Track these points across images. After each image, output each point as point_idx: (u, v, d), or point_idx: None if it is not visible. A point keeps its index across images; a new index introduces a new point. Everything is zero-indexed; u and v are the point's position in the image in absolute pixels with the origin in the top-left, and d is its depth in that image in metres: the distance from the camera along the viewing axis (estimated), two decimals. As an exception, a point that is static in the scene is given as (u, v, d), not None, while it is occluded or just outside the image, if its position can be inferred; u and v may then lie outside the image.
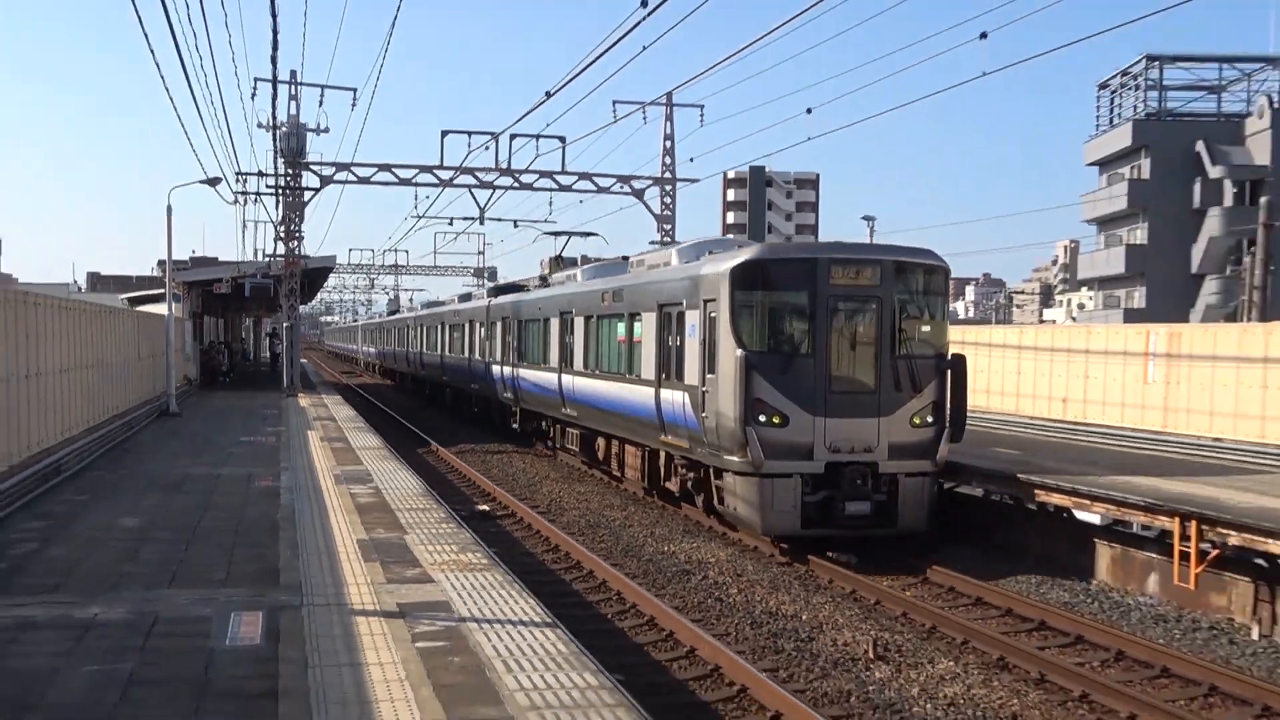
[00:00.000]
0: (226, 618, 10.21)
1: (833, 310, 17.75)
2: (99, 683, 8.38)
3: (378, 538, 14.28)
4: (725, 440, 17.89)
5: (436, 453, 33.15)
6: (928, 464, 17.89)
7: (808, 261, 18.01)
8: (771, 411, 17.23)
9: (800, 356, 17.75)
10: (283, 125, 40.88)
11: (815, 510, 17.37)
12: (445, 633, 9.83)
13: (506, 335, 35.74)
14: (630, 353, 23.12)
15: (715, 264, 18.90)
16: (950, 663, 12.94)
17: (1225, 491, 16.54)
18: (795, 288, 18.15)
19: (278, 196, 43.53)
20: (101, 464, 21.89)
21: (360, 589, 11.44)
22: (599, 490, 26.34)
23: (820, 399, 17.37)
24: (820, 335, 17.54)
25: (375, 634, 9.71)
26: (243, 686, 8.33)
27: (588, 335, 26.44)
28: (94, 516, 15.74)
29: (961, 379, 18.34)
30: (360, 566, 12.51)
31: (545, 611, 10.79)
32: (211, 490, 18.36)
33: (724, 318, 17.93)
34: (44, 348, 19.52)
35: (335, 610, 10.52)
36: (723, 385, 17.83)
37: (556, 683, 8.49)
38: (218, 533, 14.59)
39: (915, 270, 18.43)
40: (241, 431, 28.88)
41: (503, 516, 22.66)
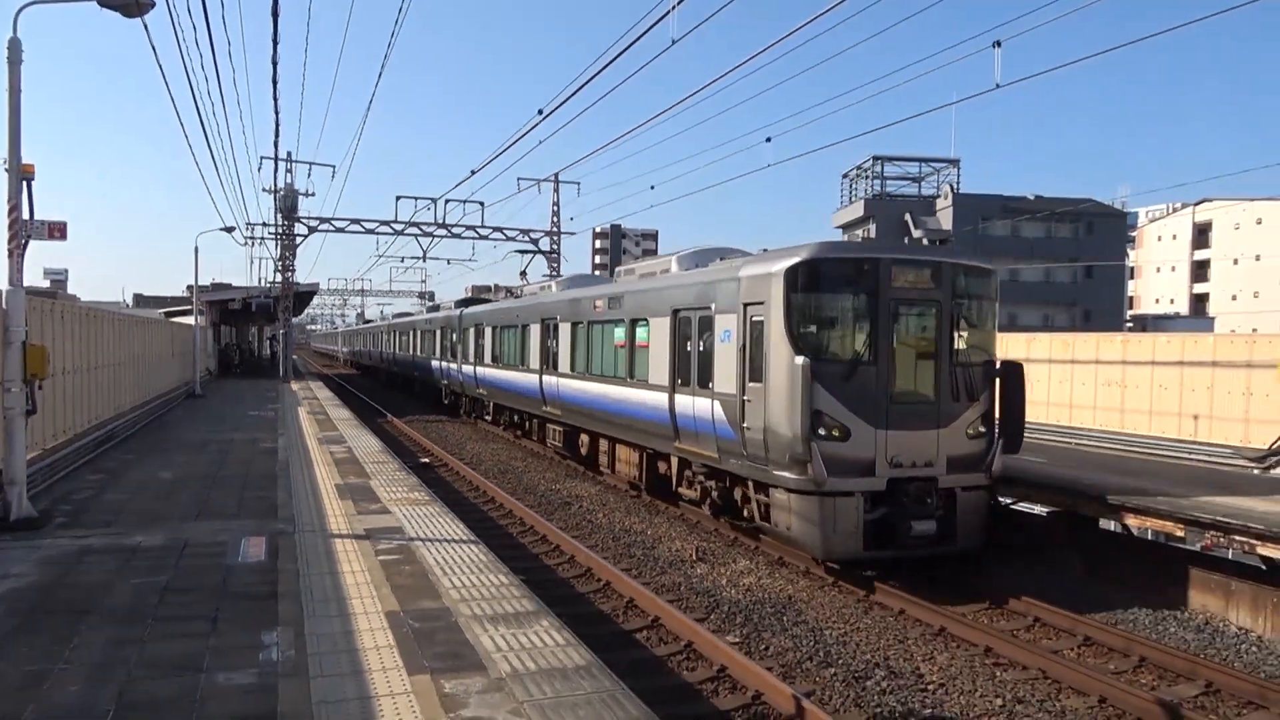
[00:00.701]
0: (239, 542, 9.81)
1: (894, 314, 12.13)
2: (143, 590, 7.97)
3: (350, 482, 13.88)
4: (777, 454, 11.85)
5: (392, 423, 32.32)
6: (983, 477, 12.16)
7: (870, 262, 12.12)
8: (832, 424, 11.51)
9: (862, 364, 11.82)
10: (281, 190, 40.85)
11: (876, 530, 11.55)
12: (399, 549, 9.61)
13: (479, 340, 29.88)
14: (631, 357, 16.89)
15: (761, 265, 12.80)
16: None
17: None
18: (856, 290, 12.21)
19: (277, 240, 43.16)
20: (145, 432, 20.80)
21: (337, 519, 11.11)
22: (507, 448, 26.02)
23: (882, 410, 11.69)
24: (882, 341, 11.90)
25: (349, 551, 9.44)
26: (252, 590, 8.01)
27: (575, 340, 20.30)
28: (138, 471, 14.94)
29: (1019, 387, 12.71)
30: (337, 503, 12.14)
31: (470, 533, 10.63)
32: (227, 450, 17.60)
33: (776, 322, 12.01)
34: (103, 348, 18.61)
35: (319, 535, 10.20)
36: (774, 395, 11.90)
37: (479, 582, 8.38)
38: (231, 481, 14.01)
39: (970, 273, 12.83)
40: (249, 408, 27.78)
41: (439, 466, 22.21)
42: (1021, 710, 8.02)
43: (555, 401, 21.60)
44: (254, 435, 20.13)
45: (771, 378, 11.95)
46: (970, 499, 12.00)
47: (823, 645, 9.57)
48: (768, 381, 12.02)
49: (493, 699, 5.71)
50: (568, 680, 6.05)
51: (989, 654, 9.34)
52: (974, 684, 8.58)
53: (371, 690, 5.80)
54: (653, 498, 17.31)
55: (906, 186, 77.47)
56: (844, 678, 8.68)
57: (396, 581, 8.31)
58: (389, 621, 7.17)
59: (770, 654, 9.34)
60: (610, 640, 9.51)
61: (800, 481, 11.49)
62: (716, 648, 9.05)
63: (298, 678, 5.99)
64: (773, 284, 12.15)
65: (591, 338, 19.32)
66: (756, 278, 12.62)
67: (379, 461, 16.38)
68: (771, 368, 11.96)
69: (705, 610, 10.76)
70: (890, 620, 10.46)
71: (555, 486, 19.29)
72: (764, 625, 10.22)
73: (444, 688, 5.86)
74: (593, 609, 10.80)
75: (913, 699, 8.21)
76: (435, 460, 23.12)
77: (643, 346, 16.50)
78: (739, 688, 8.35)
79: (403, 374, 46.86)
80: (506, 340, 26.40)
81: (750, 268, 12.93)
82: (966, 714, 7.94)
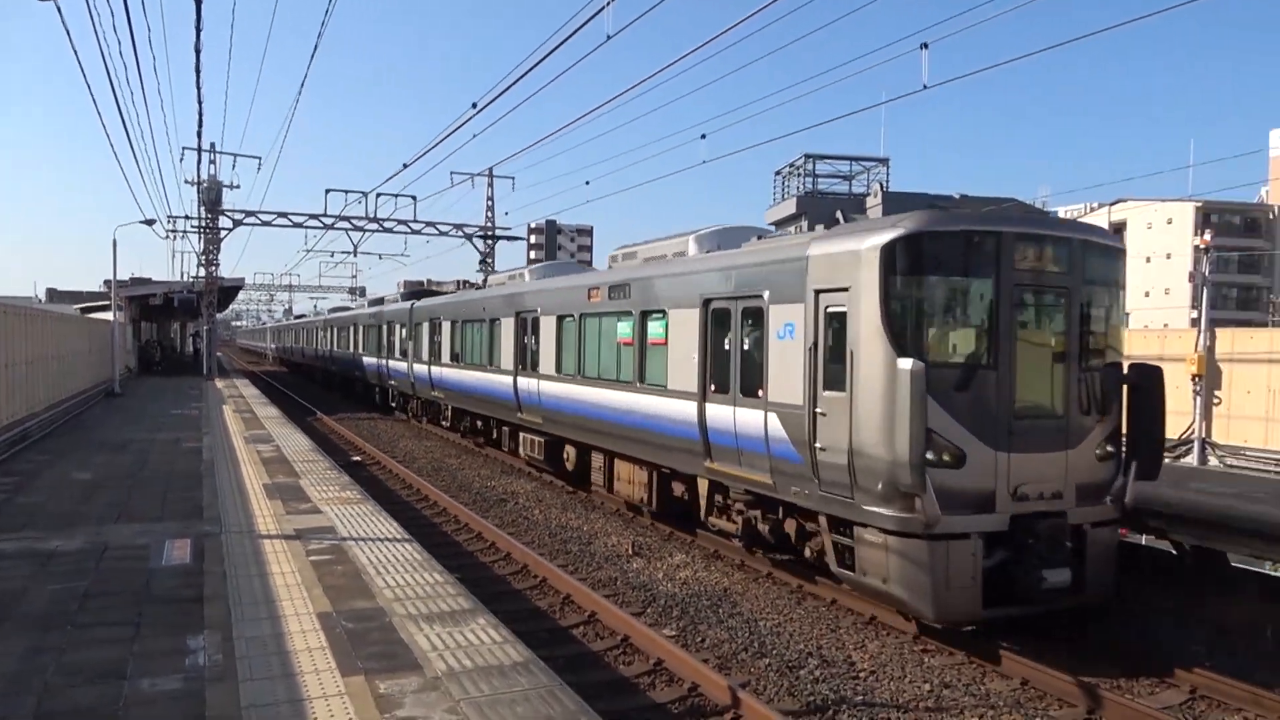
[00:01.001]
0: (162, 545, 9.54)
1: (1017, 304, 9.37)
2: (61, 596, 7.71)
3: (279, 482, 13.59)
4: (868, 483, 9.07)
5: (323, 421, 31.70)
6: (1113, 508, 9.58)
7: (988, 237, 9.24)
8: (943, 446, 8.82)
9: (981, 369, 9.12)
10: (204, 182, 39.62)
11: (996, 581, 8.92)
12: (331, 549, 9.45)
13: (435, 336, 26.18)
14: (642, 358, 13.93)
15: (841, 240, 9.79)
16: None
17: None
18: (972, 272, 9.36)
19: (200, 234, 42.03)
20: (61, 432, 20.05)
21: (266, 519, 10.87)
22: (441, 445, 25.73)
23: (1003, 428, 9.04)
24: (1004, 339, 9.16)
25: (278, 552, 9.25)
26: (176, 594, 7.80)
27: (561, 337, 17.05)
28: (54, 472, 14.41)
29: (1158, 398, 9.87)
30: (266, 503, 11.88)
31: (404, 531, 10.52)
32: (148, 450, 17.07)
33: (868, 314, 9.16)
34: (14, 345, 17.86)
35: (247, 536, 9.97)
36: (865, 408, 9.12)
37: (414, 580, 8.29)
38: (154, 481, 13.59)
39: (1101, 252, 9.97)
40: (171, 406, 26.98)
41: (371, 465, 21.88)
42: (949, 694, 8.24)
43: (534, 408, 18.32)
44: (177, 434, 19.57)
45: (862, 385, 9.18)
46: (1101, 536, 9.52)
47: (758, 636, 9.70)
48: (855, 390, 9.24)
49: (429, 698, 5.66)
50: (505, 677, 6.03)
51: (918, 640, 9.57)
52: (903, 670, 8.79)
53: (304, 693, 5.70)
54: (664, 525, 14.52)
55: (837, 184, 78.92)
56: (778, 667, 8.81)
57: (329, 582, 8.17)
58: (321, 623, 7.05)
59: (706, 646, 9.43)
60: (547, 636, 9.50)
61: (904, 520, 8.76)
62: (653, 641, 9.10)
63: (226, 682, 5.86)
64: (863, 264, 9.27)
65: (585, 334, 16.09)
66: (836, 257, 9.73)
67: (309, 460, 16.07)
68: (861, 373, 9.19)
69: (642, 604, 10.81)
70: (823, 610, 10.64)
71: (491, 483, 19.14)
72: (700, 618, 10.31)
73: (379, 688, 5.79)
74: (529, 606, 10.76)
75: (845, 686, 8.38)
76: (367, 458, 22.76)
77: (658, 344, 13.52)
78: (676, 680, 8.41)
79: (341, 373, 43.43)
80: (470, 337, 23.04)
81: (824, 244, 10.04)
82: (896, 699, 8.13)
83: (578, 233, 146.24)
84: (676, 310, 13.04)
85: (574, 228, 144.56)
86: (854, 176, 78.09)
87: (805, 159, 76.77)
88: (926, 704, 8.04)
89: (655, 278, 13.94)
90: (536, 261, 25.32)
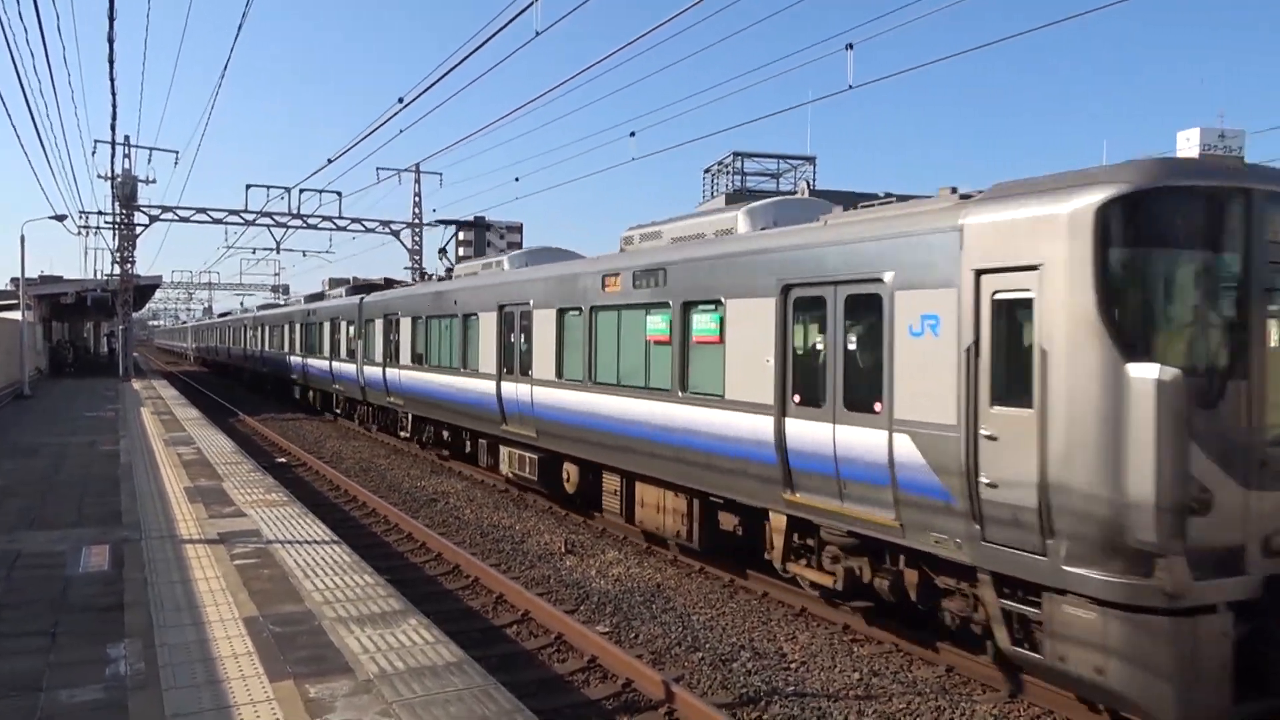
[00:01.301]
0: (78, 551, 9.24)
1: (1268, 291, 7.01)
2: (-30, 607, 7.40)
3: (201, 485, 13.25)
4: (1077, 534, 6.70)
5: (245, 421, 30.93)
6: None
7: (1238, 197, 6.91)
8: (1191, 486, 6.46)
9: (1229, 379, 6.83)
10: (118, 176, 38.31)
11: (1245, 664, 6.65)
12: (257, 552, 9.26)
13: (391, 334, 23.05)
14: (684, 359, 11.26)
15: (1019, 204, 7.24)
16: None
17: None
18: (1218, 244, 6.95)
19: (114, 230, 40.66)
20: (-35, 437, 19.22)
21: (188, 524, 10.59)
22: (369, 445, 25.33)
23: (1255, 458, 6.77)
24: (1255, 339, 6.91)
25: (201, 557, 9.03)
26: (94, 602, 7.57)
27: (563, 335, 14.31)
28: (-40, 478, 13.81)
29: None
30: (187, 507, 11.57)
31: (332, 533, 10.37)
32: (62, 454, 16.47)
33: (1074, 301, 6.75)
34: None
35: (168, 541, 9.71)
36: (1072, 430, 6.71)
37: (343, 583, 8.18)
38: (69, 486, 13.13)
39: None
40: (85, 408, 26.06)
41: (297, 466, 21.43)
42: (877, 682, 8.45)
43: (525, 419, 15.57)
44: (92, 437, 18.92)
45: (1063, 399, 6.77)
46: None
47: (691, 630, 9.79)
48: (1050, 405, 6.84)
49: (360, 701, 5.60)
50: (438, 678, 6.00)
51: (847, 631, 9.77)
52: (833, 660, 8.97)
53: (230, 700, 5.59)
54: (706, 564, 12.08)
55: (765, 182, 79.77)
56: (711, 661, 8.91)
57: (255, 586, 8.01)
58: (248, 628, 6.92)
59: (640, 642, 9.49)
60: (480, 636, 9.46)
61: (1134, 589, 6.46)
62: (587, 638, 9.12)
63: (149, 691, 5.71)
64: (1064, 233, 6.84)
65: (598, 332, 13.36)
66: (1014, 225, 7.23)
67: (232, 462, 15.70)
68: (1063, 382, 6.77)
69: (575, 602, 10.82)
70: (755, 603, 10.79)
71: (420, 483, 18.93)
72: (633, 614, 10.36)
73: (309, 692, 5.71)
74: (462, 606, 10.69)
75: (777, 678, 8.52)
76: (293, 460, 22.29)
77: (708, 343, 10.89)
78: (610, 676, 8.45)
79: (274, 375, 40.36)
80: (437, 335, 20.04)
81: (988, 210, 7.51)
82: (827, 688, 8.30)
83: (507, 229, 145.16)
84: (738, 301, 10.28)
85: (503, 224, 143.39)
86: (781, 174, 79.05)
87: (734, 157, 77.43)
88: (856, 692, 8.23)
89: (704, 260, 11.05)
90: (467, 258, 23.71)
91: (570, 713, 7.67)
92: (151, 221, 39.82)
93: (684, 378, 11.35)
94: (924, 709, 7.87)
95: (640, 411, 12.11)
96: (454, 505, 16.66)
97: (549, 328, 14.71)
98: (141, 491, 12.59)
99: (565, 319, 14.32)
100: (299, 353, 34.03)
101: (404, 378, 22.09)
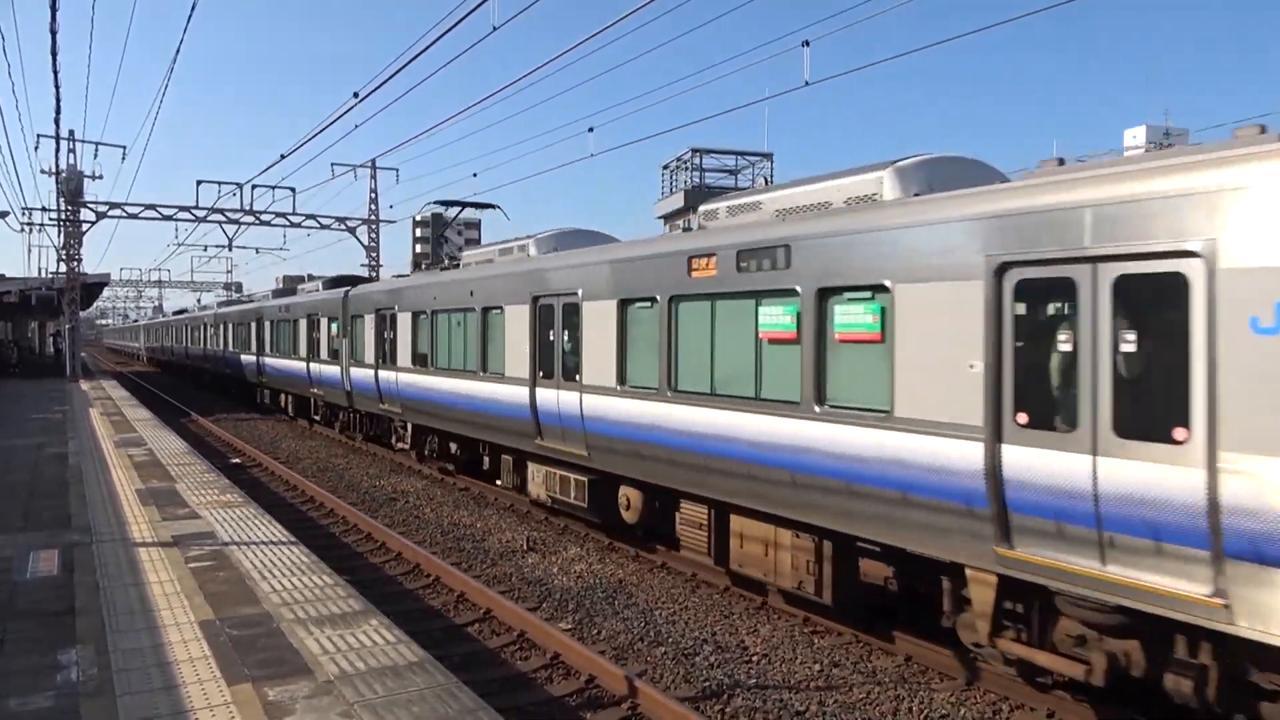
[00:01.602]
0: (26, 556, 9.02)
1: None
2: (-87, 616, 7.20)
3: (153, 487, 13.01)
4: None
5: (198, 422, 30.37)
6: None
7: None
8: None
9: None
10: (63, 172, 37.22)
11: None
12: (212, 555, 9.12)
13: (386, 332, 20.15)
14: (817, 365, 8.81)
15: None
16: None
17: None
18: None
19: (60, 227, 39.52)
20: (-95, 441, 18.67)
21: (140, 526, 10.40)
22: (327, 445, 25.02)
23: None
24: None
25: (155, 560, 8.87)
26: (43, 608, 7.40)
27: (629, 331, 11.77)
28: (-100, 483, 13.41)
29: None
30: (139, 510, 11.36)
31: (289, 534, 10.24)
32: (8, 458, 16.05)
33: None
34: None
35: (120, 544, 9.52)
36: None
37: (302, 584, 8.09)
38: (16, 490, 12.81)
39: None
40: (32, 410, 25.41)
41: (252, 467, 21.10)
42: (838, 673, 8.55)
43: (569, 434, 12.99)
44: (40, 439, 18.47)
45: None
46: None
47: (653, 626, 9.83)
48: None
49: (321, 703, 5.55)
50: (400, 678, 5.96)
51: (808, 623, 9.87)
52: (795, 652, 9.06)
53: (187, 704, 5.51)
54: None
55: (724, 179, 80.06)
56: (674, 655, 8.96)
57: (210, 589, 7.89)
58: (204, 631, 6.82)
59: (603, 638, 9.50)
60: (442, 635, 9.41)
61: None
62: (549, 635, 9.11)
63: (102, 697, 5.61)
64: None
65: (678, 328, 10.88)
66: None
67: (185, 463, 15.43)
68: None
69: (538, 599, 10.80)
70: (716, 598, 10.86)
71: (379, 483, 18.75)
72: (596, 610, 10.37)
73: (268, 695, 5.64)
74: (423, 605, 10.62)
75: (739, 670, 8.58)
76: (248, 460, 21.95)
77: (859, 341, 8.47)
78: (573, 673, 8.46)
79: (236, 377, 37.15)
80: (446, 333, 17.31)
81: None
82: (788, 680, 8.38)
83: (465, 225, 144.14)
84: (915, 286, 7.84)
85: (461, 220, 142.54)
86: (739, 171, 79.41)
87: (692, 153, 77.65)
88: (817, 683, 8.32)
89: (855, 235, 8.53)
90: (424, 255, 22.26)
91: (533, 710, 7.67)
92: (99, 218, 38.86)
93: (819, 386, 8.80)
94: (884, 698, 7.98)
95: (745, 428, 9.64)
96: (414, 504, 16.53)
97: (606, 323, 12.13)
98: (92, 494, 12.33)
99: (631, 312, 11.81)
100: (269, 353, 30.73)
101: (402, 382, 19.23)
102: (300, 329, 27.22)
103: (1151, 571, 6.21)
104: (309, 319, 26.41)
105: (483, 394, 15.41)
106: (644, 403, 11.30)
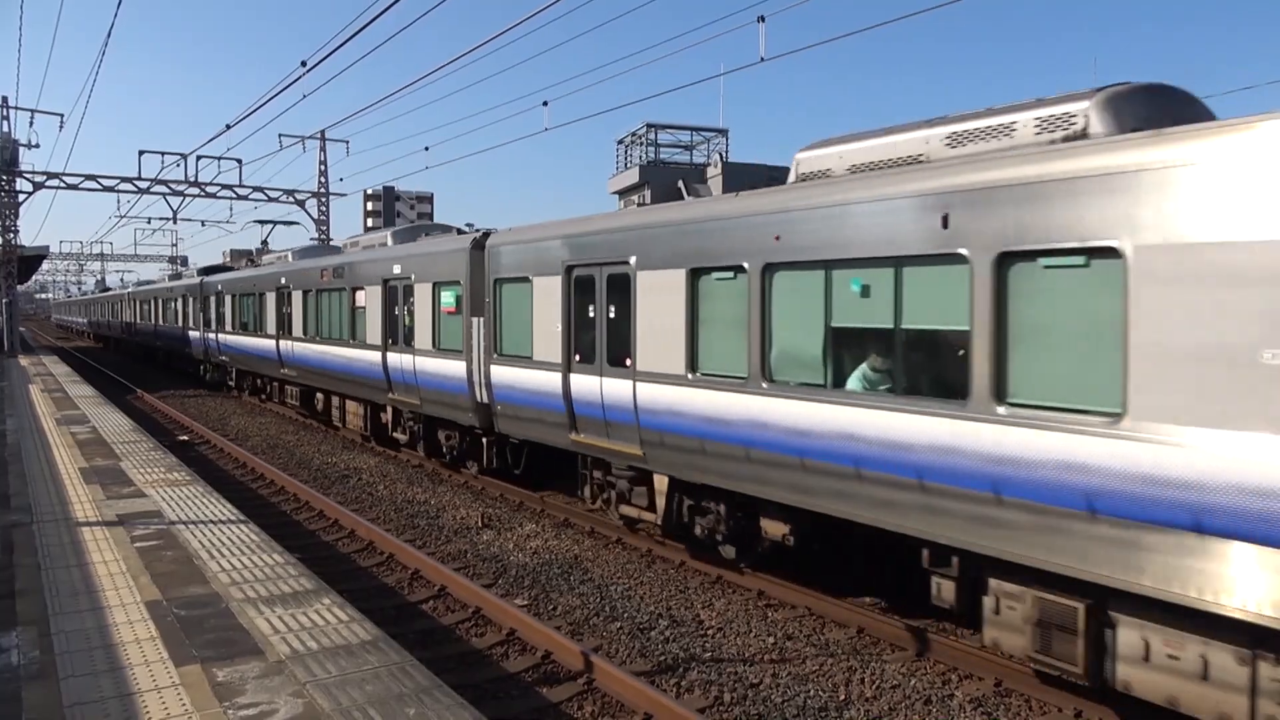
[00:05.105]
0: (-37, 537, 8.76)
1: None
2: None
3: (97, 465, 12.71)
4: None
5: (144, 399, 29.74)
6: None
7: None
8: None
9: None
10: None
11: None
12: (159, 534, 8.94)
13: (397, 307, 16.98)
14: (997, 349, 6.67)
15: None
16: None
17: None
18: None
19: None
20: None
21: (84, 506, 10.16)
22: (277, 421, 24.65)
23: None
24: None
25: (99, 540, 8.68)
26: (-18, 590, 7.20)
27: (698, 306, 9.89)
28: None
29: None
30: (83, 489, 11.09)
31: (239, 513, 10.08)
32: (-58, 436, 15.58)
33: None
34: None
35: (63, 524, 9.29)
36: None
37: (252, 563, 7.97)
38: (-49, 470, 12.44)
39: None
40: (-32, 387, 24.68)
41: (200, 444, 20.73)
42: (791, 645, 8.66)
43: (620, 428, 11.06)
44: (-24, 418, 17.95)
45: None
46: None
47: (609, 601, 9.86)
48: None
49: (272, 683, 5.48)
50: (353, 657, 5.90)
51: (761, 597, 9.98)
52: (749, 625, 9.15)
53: (133, 686, 5.41)
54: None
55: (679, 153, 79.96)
56: (630, 630, 9.00)
57: (157, 569, 7.74)
58: (150, 612, 6.69)
59: (559, 614, 9.51)
60: (396, 613, 9.35)
61: None
62: (505, 611, 9.10)
63: (45, 680, 5.48)
64: None
65: (772, 303, 8.92)
66: None
67: (130, 441, 15.11)
68: None
69: (493, 576, 10.78)
70: (671, 572, 10.92)
71: (332, 459, 18.53)
72: (552, 586, 10.38)
73: (217, 676, 5.56)
74: (377, 583, 10.53)
75: (694, 644, 8.65)
76: (196, 437, 21.55)
77: (1073, 324, 6.42)
78: (529, 649, 8.46)
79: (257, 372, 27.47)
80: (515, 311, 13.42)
81: None
82: (743, 653, 8.47)
83: (417, 199, 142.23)
84: (1177, 251, 5.68)
85: (413, 194, 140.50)
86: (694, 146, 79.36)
87: (647, 128, 77.37)
88: (771, 656, 8.42)
89: (1055, 182, 6.39)
90: (376, 229, 18.67)
91: (490, 687, 7.66)
92: (35, 189, 37.75)
93: (999, 378, 6.78)
94: (836, 669, 8.10)
95: (869, 426, 7.79)
96: (367, 481, 16.37)
97: (671, 299, 10.13)
98: (32, 473, 12.02)
99: (704, 285, 9.83)
100: (290, 336, 23.15)
101: (419, 367, 16.16)
102: (333, 304, 20.60)
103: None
104: (352, 292, 19.29)
105: (513, 382, 13.31)
106: (724, 394, 9.47)
